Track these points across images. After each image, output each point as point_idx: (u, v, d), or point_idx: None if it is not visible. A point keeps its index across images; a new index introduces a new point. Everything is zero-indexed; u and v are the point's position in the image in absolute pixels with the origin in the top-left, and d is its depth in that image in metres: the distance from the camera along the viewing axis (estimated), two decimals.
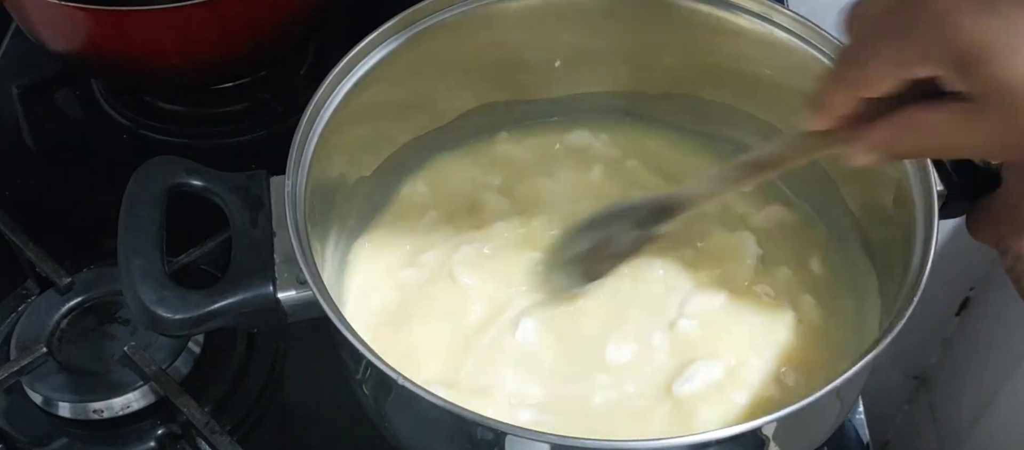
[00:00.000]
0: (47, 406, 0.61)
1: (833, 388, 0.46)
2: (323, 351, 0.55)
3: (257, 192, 0.55)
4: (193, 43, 0.73)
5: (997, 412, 0.94)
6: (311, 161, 0.55)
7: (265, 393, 0.64)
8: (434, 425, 0.49)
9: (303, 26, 0.79)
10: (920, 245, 0.51)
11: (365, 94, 0.59)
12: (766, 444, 0.47)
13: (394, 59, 0.60)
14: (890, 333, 0.46)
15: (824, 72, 0.46)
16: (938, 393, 1.12)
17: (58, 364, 0.62)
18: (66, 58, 0.79)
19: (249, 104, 0.82)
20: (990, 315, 1.04)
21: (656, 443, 0.46)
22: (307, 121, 0.55)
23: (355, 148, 0.61)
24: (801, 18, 0.59)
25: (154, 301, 0.50)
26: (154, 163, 0.55)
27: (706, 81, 0.66)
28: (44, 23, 0.74)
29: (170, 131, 0.82)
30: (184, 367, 0.63)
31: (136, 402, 0.61)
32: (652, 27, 0.64)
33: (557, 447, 0.45)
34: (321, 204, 0.57)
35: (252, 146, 0.80)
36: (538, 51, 0.66)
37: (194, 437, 0.61)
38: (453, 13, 0.61)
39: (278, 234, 0.53)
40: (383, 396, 0.51)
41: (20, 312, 0.66)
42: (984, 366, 1.01)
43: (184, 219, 0.56)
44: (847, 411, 0.57)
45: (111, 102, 0.84)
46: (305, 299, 0.50)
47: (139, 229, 0.52)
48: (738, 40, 0.62)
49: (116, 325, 0.64)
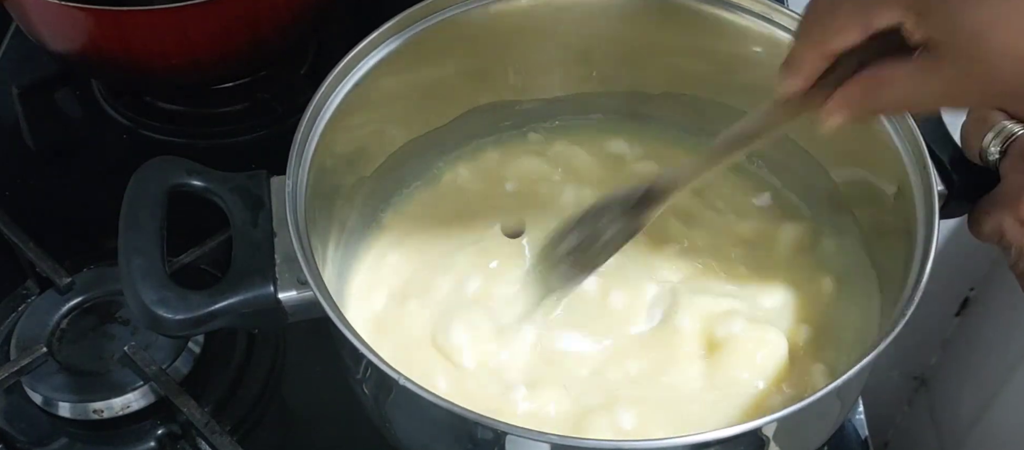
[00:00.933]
0: (47, 406, 0.61)
1: (833, 388, 0.46)
2: (323, 351, 0.55)
3: (257, 192, 0.55)
4: (193, 43, 0.73)
5: (997, 413, 0.94)
6: (311, 161, 0.55)
7: (265, 393, 0.64)
8: (434, 425, 0.49)
9: (303, 26, 0.79)
10: (920, 245, 0.51)
11: (365, 94, 0.59)
12: (766, 444, 0.47)
13: (394, 59, 0.60)
14: (890, 333, 0.46)
15: None
16: (938, 394, 1.12)
17: (58, 364, 0.62)
18: (66, 58, 0.79)
19: (249, 104, 0.82)
20: (990, 315, 1.04)
21: (656, 443, 0.46)
22: (307, 121, 0.55)
23: (355, 148, 0.61)
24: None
25: (154, 301, 0.50)
26: (154, 163, 0.55)
27: (706, 81, 0.66)
28: (44, 23, 0.74)
29: (170, 131, 0.82)
30: (184, 367, 0.63)
31: (136, 402, 0.61)
32: (652, 27, 0.64)
33: (557, 447, 0.46)
34: (321, 204, 0.57)
35: (252, 146, 0.80)
36: (538, 51, 0.66)
37: (194, 437, 0.61)
38: (453, 13, 0.61)
39: (278, 234, 0.53)
40: (383, 396, 0.52)
41: (20, 312, 0.66)
42: (984, 367, 1.01)
43: (184, 219, 0.56)
44: (847, 411, 0.57)
45: (111, 102, 0.83)
46: (306, 299, 0.50)
47: (139, 229, 0.52)
48: (738, 40, 0.62)
49: (116, 325, 0.64)
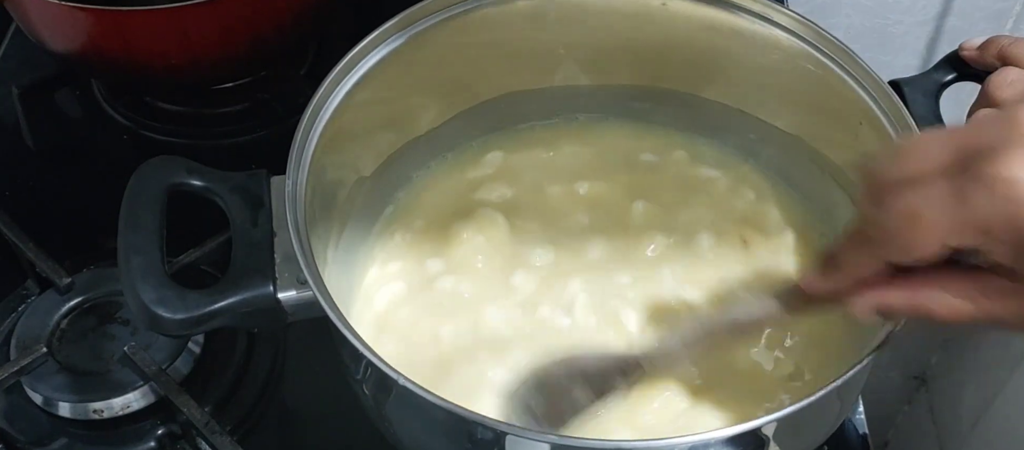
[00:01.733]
0: (47, 406, 0.61)
1: (833, 388, 0.46)
2: (323, 351, 0.55)
3: (257, 192, 0.55)
4: (193, 43, 0.73)
5: (998, 413, 0.94)
6: (311, 161, 0.55)
7: (265, 393, 0.64)
8: (434, 425, 0.49)
9: (303, 26, 0.79)
10: None
11: (365, 94, 0.59)
12: (766, 444, 0.47)
13: (394, 59, 0.60)
14: (890, 333, 0.46)
15: (843, 235, 0.43)
16: (938, 394, 1.12)
17: (58, 364, 0.62)
18: (66, 58, 0.79)
19: (249, 104, 0.82)
20: None
21: (656, 443, 0.46)
22: (307, 121, 0.55)
23: (355, 148, 0.61)
24: (801, 18, 0.59)
25: (154, 301, 0.50)
26: (154, 163, 0.55)
27: (706, 81, 0.66)
28: (44, 23, 0.74)
29: (170, 131, 0.82)
30: (184, 367, 0.63)
31: (136, 402, 0.61)
32: (652, 27, 0.64)
33: (557, 447, 0.45)
34: (322, 204, 0.57)
35: (252, 146, 0.80)
36: (538, 51, 0.66)
37: (194, 437, 0.61)
38: (453, 13, 0.61)
39: (278, 234, 0.53)
40: (383, 396, 0.51)
41: (20, 312, 0.66)
42: (985, 367, 1.01)
43: (184, 219, 0.56)
44: (847, 411, 0.57)
45: (111, 102, 0.83)
46: (305, 299, 0.50)
47: (139, 229, 0.52)
48: (738, 40, 0.62)
49: (116, 325, 0.64)
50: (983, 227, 0.36)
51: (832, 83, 0.58)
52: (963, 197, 0.36)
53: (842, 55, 0.58)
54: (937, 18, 1.00)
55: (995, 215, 0.36)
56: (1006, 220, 0.35)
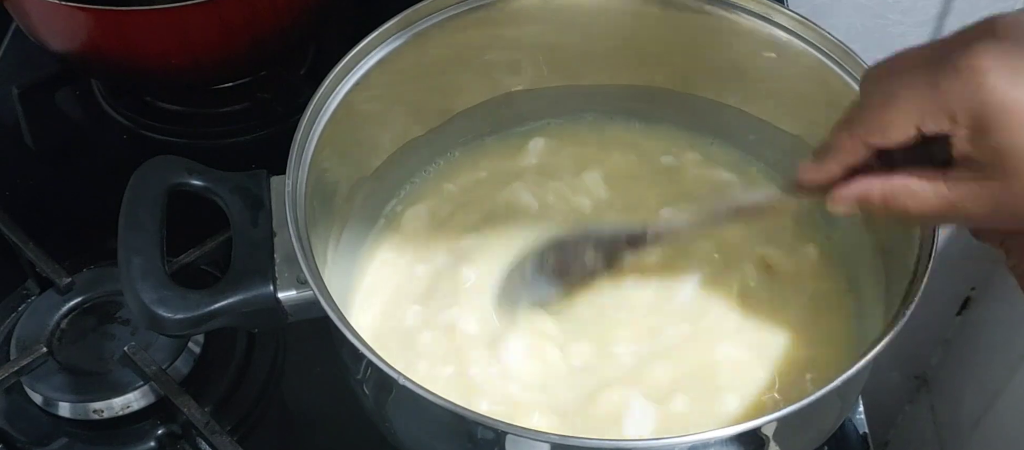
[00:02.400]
0: (47, 406, 0.61)
1: (833, 388, 0.46)
2: (323, 351, 0.55)
3: (257, 192, 0.55)
4: (193, 43, 0.73)
5: (998, 413, 0.94)
6: (311, 161, 0.55)
7: (265, 393, 0.64)
8: (434, 425, 0.49)
9: (303, 26, 0.79)
10: (920, 245, 0.51)
11: (365, 94, 0.59)
12: (766, 444, 0.47)
13: (394, 59, 0.60)
14: (890, 333, 0.46)
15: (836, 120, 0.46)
16: (938, 393, 1.12)
17: (58, 364, 0.62)
18: (66, 58, 0.79)
19: (249, 104, 0.82)
20: (991, 315, 1.04)
21: (656, 443, 0.46)
22: (307, 121, 0.55)
23: (355, 148, 0.61)
24: (801, 18, 0.59)
25: (154, 301, 0.50)
26: (154, 163, 0.55)
27: (706, 81, 0.66)
28: (44, 23, 0.74)
29: (170, 131, 0.82)
30: (184, 367, 0.63)
31: (136, 402, 0.61)
32: (652, 27, 0.64)
33: (557, 447, 0.45)
34: (321, 204, 0.57)
35: (252, 146, 0.80)
36: (538, 51, 0.66)
37: (194, 437, 0.61)
38: (453, 13, 0.61)
39: (278, 234, 0.53)
40: (383, 396, 0.51)
41: (20, 312, 0.66)
42: (985, 366, 1.01)
43: (184, 219, 0.56)
44: (847, 411, 0.57)
45: (111, 102, 0.84)
46: (305, 299, 0.51)
47: (139, 229, 0.52)
48: (738, 40, 0.62)
49: (116, 325, 0.64)
50: (949, 112, 0.40)
51: (832, 83, 0.58)
52: (935, 82, 0.40)
53: (842, 55, 0.58)
54: (937, 18, 1.00)
55: (960, 100, 0.39)
56: (969, 106, 0.39)
